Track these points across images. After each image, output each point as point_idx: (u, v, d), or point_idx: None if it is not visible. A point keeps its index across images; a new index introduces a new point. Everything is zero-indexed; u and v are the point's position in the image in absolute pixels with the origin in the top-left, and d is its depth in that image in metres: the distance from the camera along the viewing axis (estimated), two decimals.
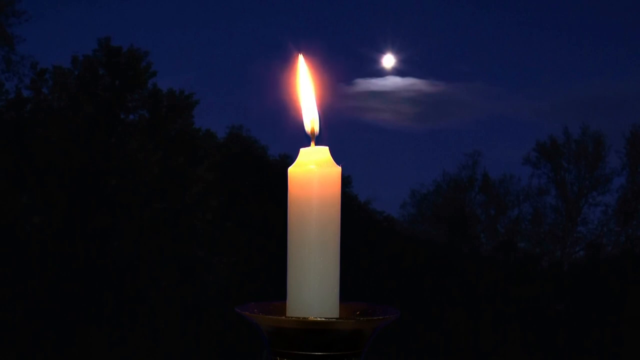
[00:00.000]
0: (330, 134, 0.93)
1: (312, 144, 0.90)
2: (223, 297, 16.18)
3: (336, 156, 0.89)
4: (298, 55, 0.95)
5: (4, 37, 17.76)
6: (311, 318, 0.82)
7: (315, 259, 0.86)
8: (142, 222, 16.27)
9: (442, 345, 18.16)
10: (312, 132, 0.91)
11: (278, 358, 0.85)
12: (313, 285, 0.86)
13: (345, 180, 25.07)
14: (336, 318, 0.86)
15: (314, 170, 0.87)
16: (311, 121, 0.92)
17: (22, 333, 13.97)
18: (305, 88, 0.94)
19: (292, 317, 0.84)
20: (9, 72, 17.66)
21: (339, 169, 0.88)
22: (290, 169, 0.88)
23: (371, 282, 18.43)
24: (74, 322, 14.43)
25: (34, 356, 14.00)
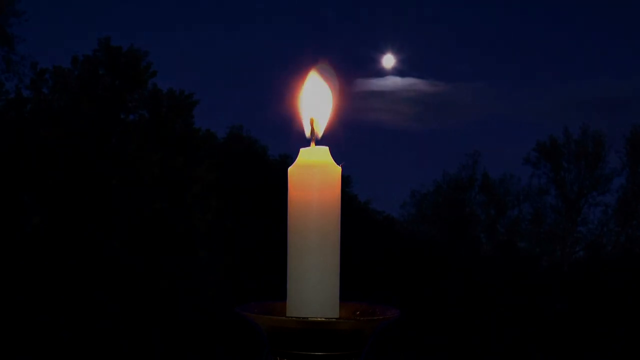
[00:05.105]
0: (330, 134, 0.93)
1: (312, 144, 0.90)
2: (223, 297, 16.18)
3: (336, 156, 0.89)
4: (319, 62, 0.95)
5: (4, 37, 17.77)
6: (311, 318, 0.82)
7: (315, 259, 0.86)
8: (142, 222, 16.27)
9: (442, 345, 18.16)
10: (314, 135, 0.91)
11: (278, 358, 0.85)
12: (313, 285, 0.86)
13: (345, 180, 25.09)
14: (336, 318, 0.86)
15: (314, 170, 0.87)
16: (311, 120, 0.92)
17: (21, 333, 13.98)
18: (322, 93, 0.94)
19: (292, 317, 0.84)
20: (9, 72, 17.69)
21: (339, 169, 0.88)
22: (290, 169, 0.88)
23: (371, 282, 18.42)
24: (73, 322, 14.44)
25: (34, 356, 14.01)
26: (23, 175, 15.66)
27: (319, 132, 0.92)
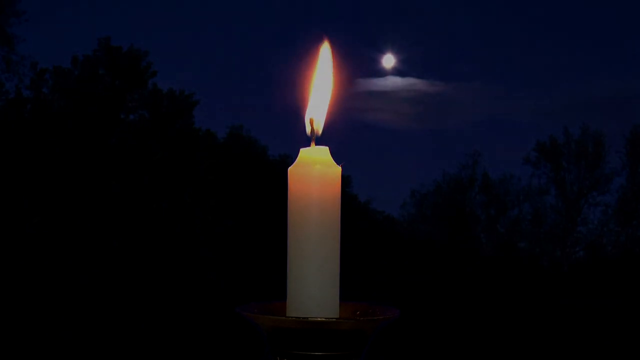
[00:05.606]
0: (331, 134, 0.93)
1: (312, 144, 0.90)
2: (223, 297, 16.18)
3: (336, 156, 0.89)
4: (321, 46, 0.94)
5: (4, 37, 17.77)
6: (311, 318, 0.82)
7: (316, 258, 0.86)
8: (142, 222, 16.27)
9: (442, 345, 18.18)
10: (314, 133, 0.91)
11: (278, 358, 0.84)
12: (313, 285, 0.86)
13: (345, 180, 25.11)
14: (336, 318, 0.85)
15: (314, 170, 0.87)
16: (311, 120, 0.92)
17: (21, 333, 13.99)
18: (322, 84, 0.93)
19: (292, 317, 0.84)
20: (9, 72, 17.70)
21: (339, 169, 0.88)
22: (290, 169, 0.88)
23: (371, 282, 18.42)
24: (73, 322, 14.45)
25: (34, 356, 14.01)
26: (23, 175, 15.66)
27: (319, 130, 0.92)
